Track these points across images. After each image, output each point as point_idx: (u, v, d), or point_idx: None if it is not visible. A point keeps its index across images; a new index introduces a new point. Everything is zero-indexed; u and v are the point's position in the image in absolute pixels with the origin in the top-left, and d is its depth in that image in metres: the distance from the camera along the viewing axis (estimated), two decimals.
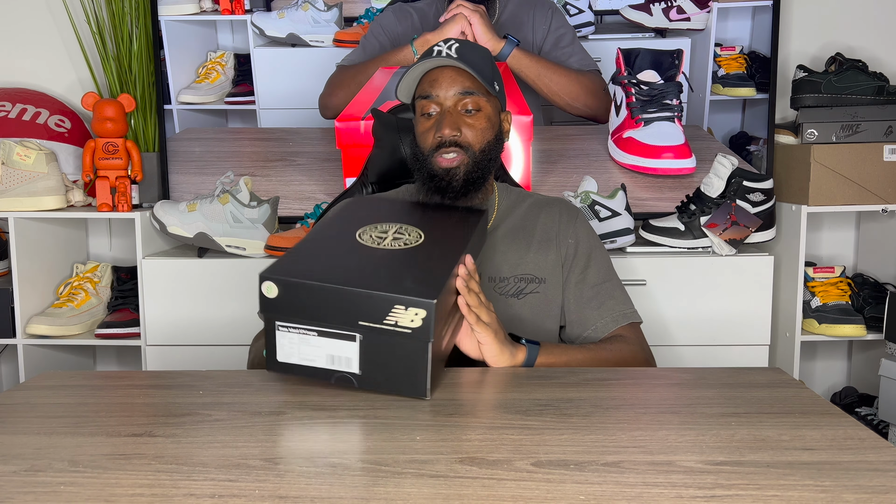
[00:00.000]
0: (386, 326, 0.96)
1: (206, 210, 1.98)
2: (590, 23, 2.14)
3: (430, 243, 1.11)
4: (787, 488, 0.73)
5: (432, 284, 0.99)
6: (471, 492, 0.73)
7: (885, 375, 1.93)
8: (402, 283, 0.98)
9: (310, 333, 0.99)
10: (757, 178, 1.95)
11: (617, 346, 1.29)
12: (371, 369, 0.99)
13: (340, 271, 1.00)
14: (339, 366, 1.00)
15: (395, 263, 1.05)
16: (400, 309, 0.95)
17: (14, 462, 0.82)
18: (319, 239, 1.11)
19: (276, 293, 0.98)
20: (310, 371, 1.01)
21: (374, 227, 1.14)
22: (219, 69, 2.22)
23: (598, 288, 1.35)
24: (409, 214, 1.22)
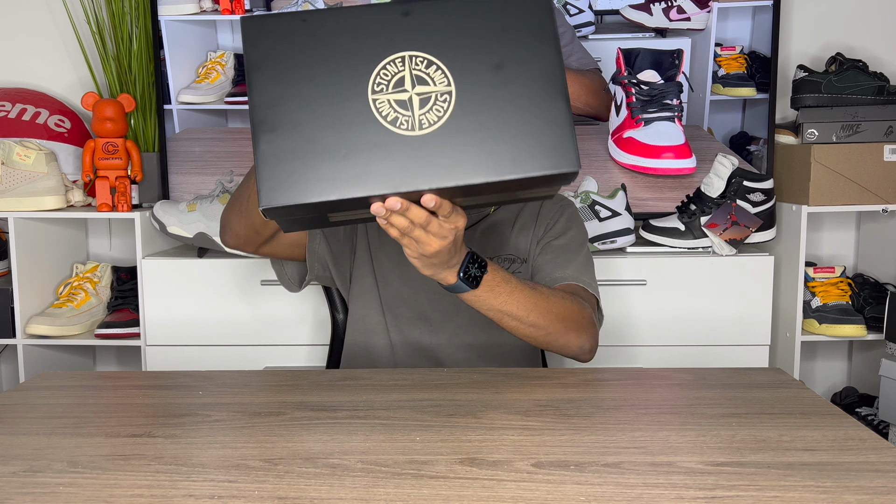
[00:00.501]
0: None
1: (206, 210, 1.98)
2: (590, 23, 2.14)
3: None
4: (788, 489, 0.73)
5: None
6: (471, 493, 0.73)
7: (885, 375, 1.93)
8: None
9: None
10: (757, 178, 1.95)
11: (568, 297, 1.20)
12: None
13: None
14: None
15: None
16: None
17: (13, 462, 0.82)
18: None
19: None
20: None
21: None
22: (219, 69, 2.22)
23: (559, 252, 1.31)
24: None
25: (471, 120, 0.88)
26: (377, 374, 1.14)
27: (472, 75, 0.89)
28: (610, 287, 1.90)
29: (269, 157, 0.87)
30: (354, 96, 0.88)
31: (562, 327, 1.16)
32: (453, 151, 0.87)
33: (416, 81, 0.89)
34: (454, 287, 1.07)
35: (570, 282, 1.27)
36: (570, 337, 1.18)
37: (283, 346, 1.98)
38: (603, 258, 1.92)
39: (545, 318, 1.14)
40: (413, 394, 1.03)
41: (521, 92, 0.89)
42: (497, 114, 0.88)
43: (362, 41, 0.89)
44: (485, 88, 0.88)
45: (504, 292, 1.10)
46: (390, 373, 1.16)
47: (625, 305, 1.93)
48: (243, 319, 1.97)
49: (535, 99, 0.89)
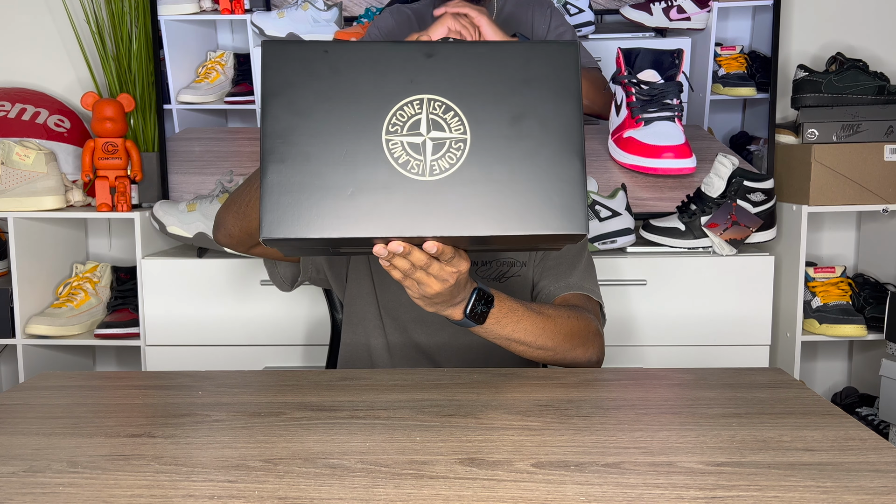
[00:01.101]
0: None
1: (206, 210, 1.98)
2: (590, 22, 2.14)
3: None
4: (788, 489, 0.73)
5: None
6: (471, 493, 0.73)
7: (885, 376, 1.93)
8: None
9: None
10: (757, 178, 1.95)
11: (573, 313, 1.21)
12: None
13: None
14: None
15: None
16: None
17: (13, 463, 0.82)
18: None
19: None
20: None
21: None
22: (218, 69, 2.22)
23: (560, 260, 1.32)
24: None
25: (483, 171, 0.87)
26: (377, 374, 1.14)
27: (489, 125, 0.88)
28: (610, 287, 1.90)
29: (276, 187, 0.86)
30: (368, 135, 0.87)
31: (569, 346, 1.18)
32: (461, 201, 0.86)
33: (431, 126, 0.87)
34: (460, 323, 1.09)
35: (574, 291, 1.29)
36: (577, 353, 1.20)
37: (282, 346, 1.98)
38: (603, 258, 1.92)
39: (553, 340, 1.16)
40: (413, 394, 1.03)
41: (536, 148, 0.87)
42: (510, 167, 0.87)
43: (383, 78, 0.88)
44: (500, 140, 0.87)
45: (511, 322, 1.12)
46: (390, 373, 1.15)
47: (625, 305, 1.93)
48: (243, 319, 1.97)
49: (551, 157, 0.87)
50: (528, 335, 1.14)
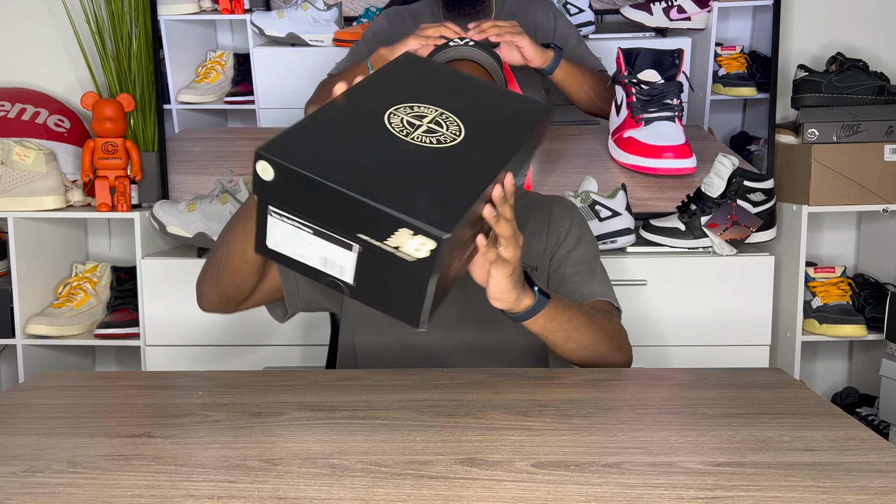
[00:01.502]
0: (386, 248, 0.82)
1: (206, 210, 1.98)
2: (590, 22, 2.14)
3: (468, 145, 0.92)
4: (789, 489, 0.73)
5: (451, 212, 0.82)
6: (471, 493, 0.73)
7: (885, 376, 1.93)
8: (416, 202, 0.81)
9: (304, 229, 0.86)
10: (757, 178, 1.95)
11: (604, 313, 1.23)
12: (366, 283, 0.87)
13: (347, 168, 0.84)
14: (332, 271, 0.88)
15: (417, 169, 0.87)
16: (405, 233, 0.80)
17: (12, 463, 0.82)
18: (342, 112, 0.93)
19: (271, 176, 0.84)
20: (299, 266, 0.89)
21: (413, 106, 0.95)
22: (218, 69, 2.22)
23: (579, 266, 1.33)
24: (459, 95, 1.00)
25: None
26: (377, 374, 1.14)
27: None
28: None
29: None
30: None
31: (610, 346, 1.20)
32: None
33: (433, 122, 0.94)
34: (534, 306, 1.07)
35: (598, 297, 1.30)
36: (615, 355, 1.21)
37: (282, 346, 1.98)
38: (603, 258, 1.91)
39: (598, 336, 1.17)
40: (413, 394, 1.03)
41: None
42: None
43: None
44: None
45: (566, 308, 1.12)
46: (390, 373, 1.15)
47: (625, 305, 1.91)
48: (243, 319, 1.97)
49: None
50: (581, 325, 1.14)
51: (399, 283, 0.85)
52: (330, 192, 0.82)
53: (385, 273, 0.85)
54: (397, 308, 0.88)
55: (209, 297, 1.26)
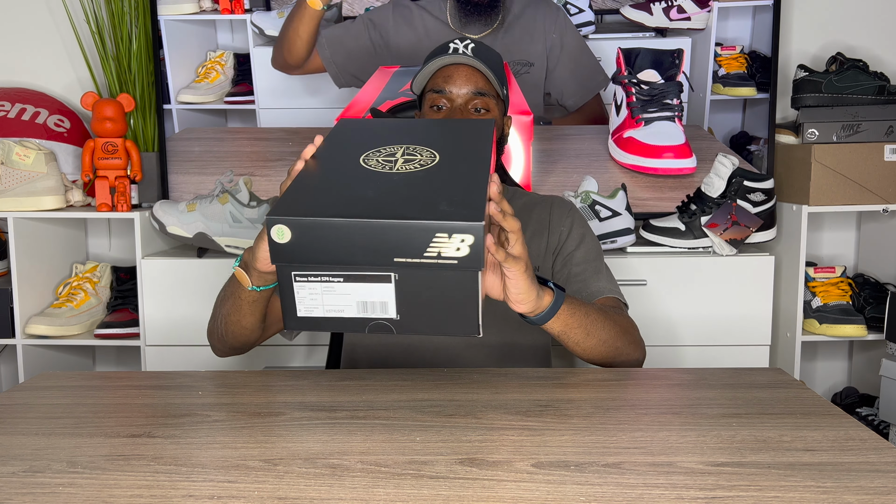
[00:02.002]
0: (427, 260, 0.82)
1: (206, 210, 1.98)
2: (590, 22, 2.14)
3: (448, 161, 0.94)
4: (789, 489, 0.73)
5: (473, 204, 0.84)
6: (471, 493, 0.73)
7: (885, 376, 1.93)
8: (438, 208, 0.83)
9: (334, 280, 0.86)
10: (757, 178, 1.95)
11: (616, 310, 1.24)
12: (411, 312, 0.87)
13: (361, 203, 0.85)
14: (374, 312, 0.87)
15: (419, 187, 0.88)
16: (443, 238, 0.81)
17: (13, 463, 0.82)
18: (322, 169, 0.95)
19: (288, 237, 0.83)
20: (338, 323, 0.89)
21: (378, 150, 0.98)
22: (218, 69, 2.22)
23: (585, 265, 1.34)
24: (411, 133, 1.04)
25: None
26: (377, 374, 1.14)
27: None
28: None
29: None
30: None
31: (626, 341, 1.20)
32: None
33: (405, 155, 0.97)
34: (555, 302, 1.06)
35: (607, 295, 1.29)
36: (631, 351, 1.21)
37: (282, 346, 1.98)
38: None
39: (614, 332, 1.17)
40: (413, 394, 1.03)
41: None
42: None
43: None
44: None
45: (582, 307, 1.12)
46: (390, 373, 1.15)
47: None
48: None
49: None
50: (599, 322, 1.14)
51: (445, 296, 0.86)
52: (356, 229, 0.82)
53: (429, 292, 0.85)
54: (450, 323, 0.88)
55: (221, 349, 1.30)
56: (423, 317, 0.87)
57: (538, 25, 2.12)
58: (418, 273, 0.84)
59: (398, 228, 0.82)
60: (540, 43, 2.13)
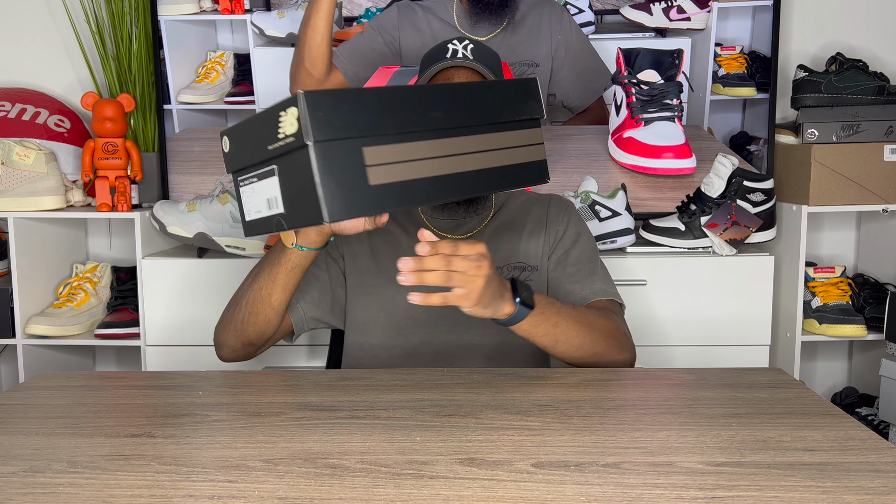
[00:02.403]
0: (281, 142, 0.87)
1: (206, 210, 1.98)
2: (590, 22, 2.14)
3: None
4: (788, 489, 0.73)
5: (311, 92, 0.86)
6: (471, 493, 0.73)
7: (885, 376, 1.93)
8: (281, 101, 0.88)
9: (253, 181, 0.96)
10: (757, 178, 1.95)
11: (602, 313, 1.24)
12: (291, 204, 0.91)
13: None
14: (274, 208, 0.94)
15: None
16: (283, 116, 0.86)
17: (13, 463, 0.82)
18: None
19: (228, 145, 0.98)
20: (264, 223, 0.97)
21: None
22: (218, 69, 2.22)
23: (579, 266, 1.34)
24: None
25: None
26: (377, 374, 1.14)
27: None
28: None
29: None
30: None
31: (607, 346, 1.20)
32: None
33: None
34: (515, 315, 1.08)
35: (599, 297, 1.30)
36: (613, 354, 1.21)
37: (282, 346, 1.98)
38: (603, 258, 1.91)
39: (591, 337, 1.17)
40: (413, 394, 1.03)
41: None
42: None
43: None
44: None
45: (554, 314, 1.13)
46: (390, 373, 1.15)
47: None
48: None
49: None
50: (571, 330, 1.15)
51: (302, 181, 0.87)
52: (248, 124, 0.93)
53: (295, 180, 0.88)
54: (310, 211, 0.87)
55: (231, 345, 1.30)
56: (298, 209, 0.90)
57: (544, 26, 2.12)
58: (284, 161, 0.89)
59: (264, 115, 0.89)
60: (545, 44, 2.13)
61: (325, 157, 0.85)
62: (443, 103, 0.96)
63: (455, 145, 0.98)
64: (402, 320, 1.34)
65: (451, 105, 0.98)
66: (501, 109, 1.04)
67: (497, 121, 1.03)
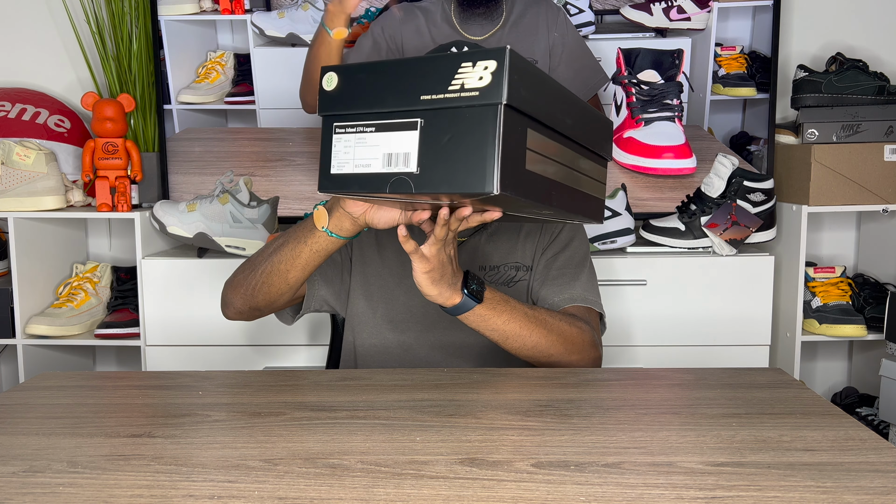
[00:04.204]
0: (452, 94, 0.79)
1: (206, 210, 1.98)
2: (590, 22, 2.14)
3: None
4: (788, 489, 0.73)
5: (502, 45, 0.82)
6: (471, 493, 0.73)
7: (885, 376, 1.93)
8: (467, 51, 0.82)
9: (367, 130, 0.87)
10: (757, 178, 1.95)
11: (567, 319, 1.23)
12: (431, 164, 0.83)
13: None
14: (396, 166, 0.85)
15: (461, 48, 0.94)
16: (467, 68, 0.79)
17: (13, 463, 0.82)
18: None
19: (335, 83, 0.88)
20: (364, 180, 0.88)
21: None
22: (218, 69, 2.22)
23: (564, 270, 1.34)
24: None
25: None
26: (377, 374, 1.14)
27: None
28: (610, 287, 1.90)
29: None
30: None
31: (563, 350, 1.20)
32: None
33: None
34: (460, 305, 1.12)
35: (577, 303, 1.30)
36: (571, 359, 1.22)
37: (282, 346, 1.98)
38: (603, 258, 1.92)
39: (546, 339, 1.18)
40: (413, 394, 1.03)
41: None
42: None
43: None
44: None
45: (505, 311, 1.15)
46: (390, 373, 1.15)
47: (625, 305, 1.93)
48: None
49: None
50: (523, 328, 1.16)
51: (465, 142, 0.80)
52: (390, 67, 0.84)
53: (451, 139, 0.81)
54: (466, 177, 0.80)
55: (238, 306, 1.30)
56: (442, 170, 0.83)
57: (541, 24, 2.12)
58: (443, 116, 0.81)
59: (425, 62, 0.82)
60: (543, 41, 2.14)
61: (507, 122, 0.79)
62: (574, 113, 0.93)
63: (575, 158, 0.96)
64: (399, 314, 1.34)
65: (578, 118, 0.94)
66: (595, 140, 1.02)
67: (592, 149, 1.01)
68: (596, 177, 1.06)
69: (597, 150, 1.04)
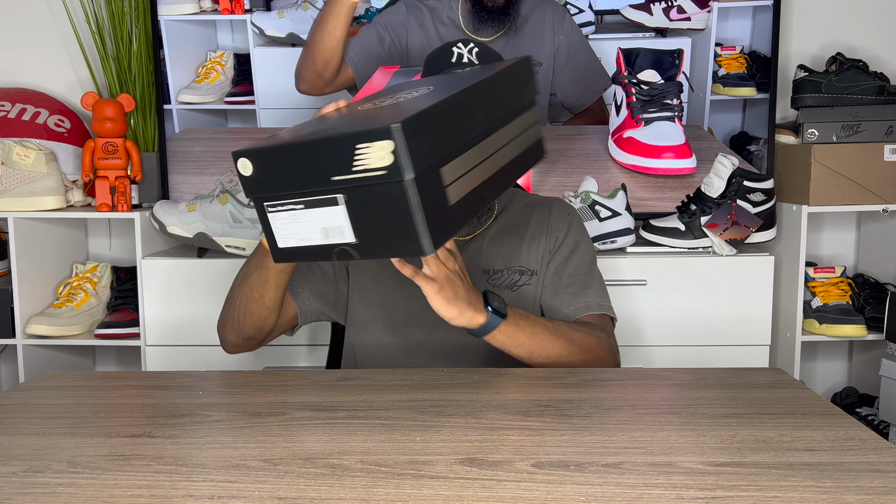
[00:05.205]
0: (359, 175, 0.79)
1: (206, 210, 1.98)
2: (590, 22, 2.14)
3: (431, 93, 0.91)
4: (789, 489, 0.73)
5: (402, 112, 0.80)
6: (471, 493, 0.73)
7: (885, 376, 1.93)
8: (366, 125, 0.81)
9: (297, 207, 0.87)
10: (757, 178, 1.95)
11: (584, 328, 1.25)
12: (367, 234, 0.85)
13: (309, 133, 0.86)
14: (335, 238, 0.87)
15: (373, 114, 0.87)
16: (364, 149, 0.78)
17: (13, 463, 0.82)
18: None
19: (250, 169, 0.89)
20: (311, 251, 0.90)
21: (394, 94, 0.97)
22: (218, 69, 2.22)
23: (575, 277, 1.34)
24: (445, 80, 1.01)
25: None
26: (377, 374, 1.14)
27: None
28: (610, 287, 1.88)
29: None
30: None
31: (583, 359, 1.21)
32: None
33: (399, 95, 0.99)
34: (487, 324, 1.11)
35: (592, 311, 1.31)
36: (587, 366, 1.22)
37: (282, 346, 1.98)
38: (603, 258, 1.91)
39: (568, 350, 1.19)
40: (413, 394, 1.03)
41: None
42: None
43: None
44: None
45: (527, 325, 1.16)
46: (390, 373, 1.15)
47: (625, 305, 1.93)
48: None
49: None
50: (547, 342, 1.17)
51: (389, 214, 0.82)
52: (293, 150, 0.84)
53: (376, 212, 0.82)
54: (401, 244, 0.83)
55: (233, 341, 1.30)
56: (378, 240, 0.85)
57: (546, 26, 2.12)
58: (360, 192, 0.82)
59: (323, 144, 0.81)
60: (548, 44, 2.14)
61: (419, 189, 0.80)
62: (483, 103, 0.92)
63: (494, 143, 0.94)
64: (401, 318, 1.34)
65: (489, 103, 0.93)
66: (514, 96, 1.01)
67: (513, 109, 1.00)
68: (526, 127, 1.02)
69: (521, 106, 1.01)
